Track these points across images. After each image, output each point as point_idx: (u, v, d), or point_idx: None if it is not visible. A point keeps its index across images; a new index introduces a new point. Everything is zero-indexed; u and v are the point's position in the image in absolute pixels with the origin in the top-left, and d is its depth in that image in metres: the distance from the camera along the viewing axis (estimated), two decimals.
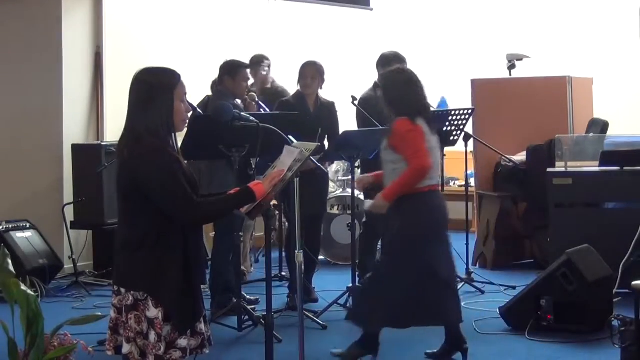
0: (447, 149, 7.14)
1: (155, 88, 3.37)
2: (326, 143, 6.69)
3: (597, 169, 7.02)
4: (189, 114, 3.89)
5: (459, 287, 7.04)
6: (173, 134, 3.43)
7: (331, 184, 8.22)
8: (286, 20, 10.15)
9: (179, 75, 3.45)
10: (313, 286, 6.97)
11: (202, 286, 3.97)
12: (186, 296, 3.38)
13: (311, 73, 6.78)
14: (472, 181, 8.61)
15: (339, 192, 8.57)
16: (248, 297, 6.66)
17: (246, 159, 6.32)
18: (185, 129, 5.31)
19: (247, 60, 7.06)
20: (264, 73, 7.75)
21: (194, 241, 3.45)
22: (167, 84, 3.38)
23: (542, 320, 5.81)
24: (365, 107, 6.94)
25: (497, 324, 6.04)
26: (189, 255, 3.39)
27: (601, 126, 8.18)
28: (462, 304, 6.64)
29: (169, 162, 3.32)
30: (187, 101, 3.52)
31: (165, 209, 3.32)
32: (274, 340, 4.24)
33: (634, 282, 4.90)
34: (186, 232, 3.39)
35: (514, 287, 7.02)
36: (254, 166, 6.55)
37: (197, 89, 7.35)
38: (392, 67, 7.03)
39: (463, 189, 7.93)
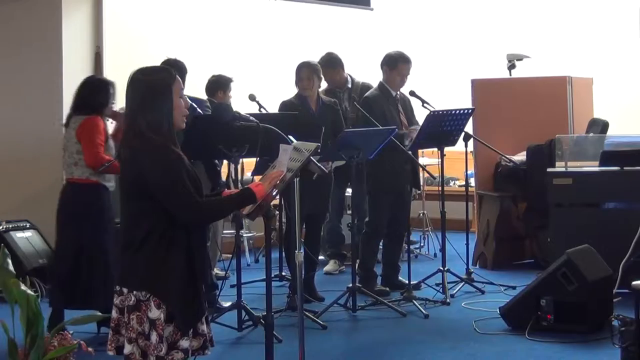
0: (447, 149, 7.13)
1: (153, 87, 3.39)
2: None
3: (597, 169, 7.01)
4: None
5: (459, 287, 7.10)
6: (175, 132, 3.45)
7: None
8: (286, 20, 10.15)
9: (174, 73, 3.48)
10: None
11: None
12: (189, 296, 3.38)
13: (307, 74, 6.83)
14: (472, 181, 8.61)
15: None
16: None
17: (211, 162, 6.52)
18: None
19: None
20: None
21: (197, 241, 3.44)
22: (165, 82, 3.41)
23: (542, 320, 5.80)
24: (370, 106, 6.95)
25: (497, 324, 6.04)
26: (192, 255, 3.40)
27: (601, 126, 8.17)
28: (462, 304, 6.70)
29: (172, 159, 3.33)
30: (186, 98, 3.55)
31: (168, 207, 3.32)
32: (274, 340, 4.24)
33: (634, 282, 4.90)
34: (189, 231, 3.39)
35: (514, 287, 7.01)
36: (219, 168, 6.76)
37: (197, 88, 7.35)
38: (397, 67, 7.07)
39: (463, 189, 7.92)
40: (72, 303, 5.87)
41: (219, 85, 7.48)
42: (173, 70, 3.53)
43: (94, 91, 5.89)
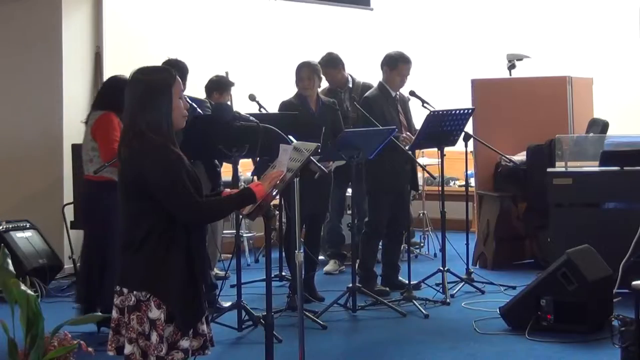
0: (447, 149, 7.13)
1: (153, 87, 3.39)
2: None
3: (597, 169, 7.01)
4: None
5: (459, 287, 7.10)
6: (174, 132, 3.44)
7: None
8: (286, 20, 10.16)
9: (175, 73, 3.48)
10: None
11: None
12: (189, 296, 3.38)
13: (307, 74, 6.83)
14: (472, 181, 8.61)
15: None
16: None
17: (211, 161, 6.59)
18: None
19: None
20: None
21: (197, 240, 3.44)
22: (165, 82, 3.41)
23: (542, 320, 5.80)
24: (370, 106, 6.95)
25: (497, 324, 6.04)
26: (192, 255, 3.39)
27: (601, 126, 8.18)
28: (462, 304, 6.70)
29: (172, 159, 3.33)
30: (186, 99, 3.55)
31: (168, 207, 3.32)
32: (274, 340, 4.24)
33: (634, 282, 4.90)
34: (189, 231, 3.39)
35: (514, 287, 7.01)
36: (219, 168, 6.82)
37: (197, 88, 7.35)
38: (397, 67, 7.07)
39: (463, 189, 7.92)
40: (86, 300, 5.94)
41: (215, 87, 7.49)
42: (173, 70, 3.53)
43: (118, 91, 5.87)
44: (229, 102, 7.58)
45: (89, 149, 5.85)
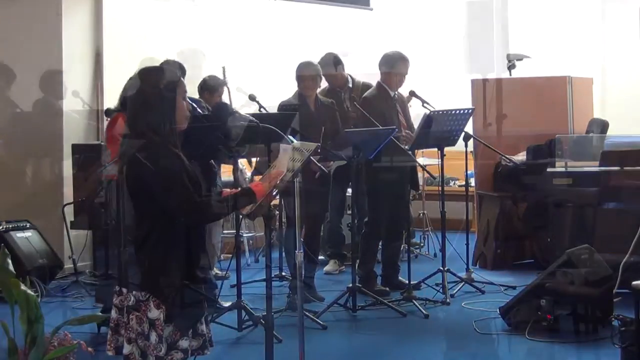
0: (447, 149, 7.13)
1: (158, 87, 3.40)
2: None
3: (597, 169, 7.01)
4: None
5: (459, 287, 7.10)
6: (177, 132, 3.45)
7: None
8: (286, 20, 10.16)
9: (179, 74, 3.49)
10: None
11: None
12: (188, 296, 3.38)
13: (309, 74, 6.84)
14: (472, 181, 8.61)
15: None
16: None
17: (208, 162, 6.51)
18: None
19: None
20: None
21: (197, 240, 3.45)
22: (170, 82, 3.41)
23: (542, 320, 5.80)
24: (369, 107, 6.96)
25: (497, 324, 6.04)
26: (192, 255, 3.40)
27: (601, 126, 8.18)
28: (462, 304, 6.70)
29: (171, 159, 3.34)
30: (188, 99, 3.56)
31: (167, 207, 3.32)
32: (274, 340, 4.24)
33: (634, 282, 4.90)
34: (189, 231, 3.39)
35: (514, 287, 7.01)
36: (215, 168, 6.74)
37: (196, 89, 7.35)
38: (395, 67, 7.07)
39: (463, 189, 7.92)
40: None
41: (207, 87, 7.49)
42: (177, 71, 3.54)
43: None
44: (227, 102, 7.58)
45: (104, 149, 5.90)
